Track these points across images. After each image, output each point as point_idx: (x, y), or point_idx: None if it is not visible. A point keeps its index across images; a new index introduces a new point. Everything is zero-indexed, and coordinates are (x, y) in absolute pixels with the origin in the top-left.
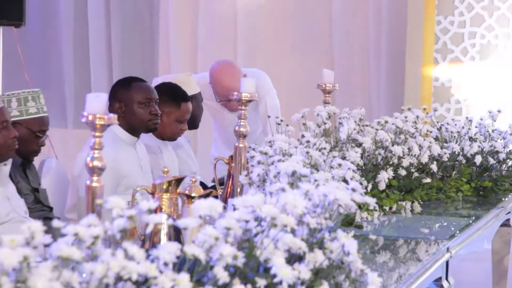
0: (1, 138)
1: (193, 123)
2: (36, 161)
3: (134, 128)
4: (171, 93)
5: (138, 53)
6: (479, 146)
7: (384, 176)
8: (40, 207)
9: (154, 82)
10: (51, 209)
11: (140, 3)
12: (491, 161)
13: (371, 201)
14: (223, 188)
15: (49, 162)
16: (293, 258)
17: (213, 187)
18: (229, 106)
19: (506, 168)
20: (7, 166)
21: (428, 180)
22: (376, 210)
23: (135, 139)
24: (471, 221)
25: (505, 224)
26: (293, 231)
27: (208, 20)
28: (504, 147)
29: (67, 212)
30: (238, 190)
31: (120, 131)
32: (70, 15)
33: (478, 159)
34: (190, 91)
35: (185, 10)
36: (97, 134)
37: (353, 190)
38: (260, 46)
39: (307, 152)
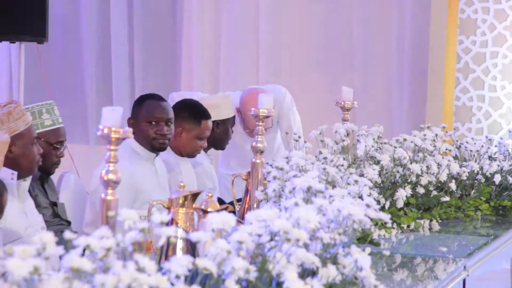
0: (33, 154)
1: (221, 145)
2: (55, 175)
3: (142, 144)
4: (192, 110)
5: (160, 69)
6: (498, 165)
7: (402, 194)
8: (58, 221)
9: (171, 97)
10: (69, 223)
11: (163, 19)
12: (511, 180)
13: (386, 217)
14: (240, 204)
15: (67, 176)
16: (306, 273)
17: (232, 203)
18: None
19: None
20: (26, 182)
21: (447, 198)
22: (393, 228)
23: (153, 154)
24: (489, 240)
25: None
26: (306, 246)
27: (231, 35)
28: None
29: (85, 226)
30: (255, 205)
31: (137, 147)
32: (93, 31)
33: (498, 178)
34: (226, 115)
35: (208, 25)
36: (112, 147)
37: (367, 206)
38: (282, 62)
39: (324, 169)
